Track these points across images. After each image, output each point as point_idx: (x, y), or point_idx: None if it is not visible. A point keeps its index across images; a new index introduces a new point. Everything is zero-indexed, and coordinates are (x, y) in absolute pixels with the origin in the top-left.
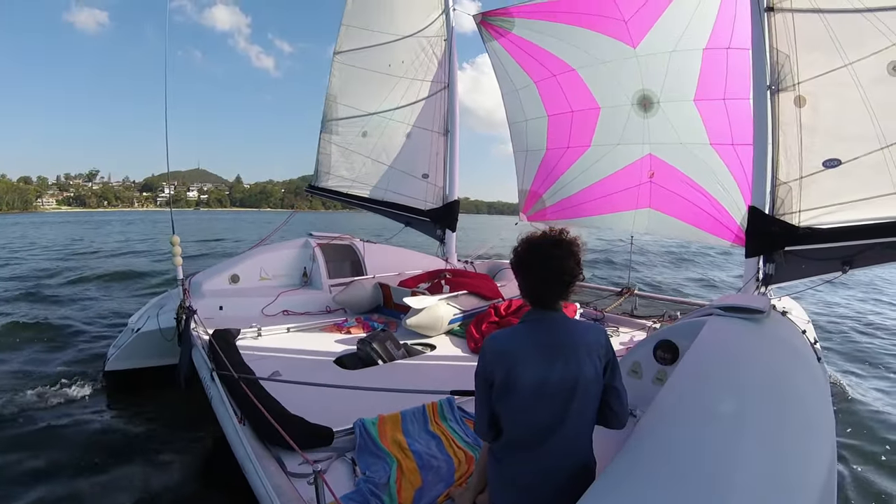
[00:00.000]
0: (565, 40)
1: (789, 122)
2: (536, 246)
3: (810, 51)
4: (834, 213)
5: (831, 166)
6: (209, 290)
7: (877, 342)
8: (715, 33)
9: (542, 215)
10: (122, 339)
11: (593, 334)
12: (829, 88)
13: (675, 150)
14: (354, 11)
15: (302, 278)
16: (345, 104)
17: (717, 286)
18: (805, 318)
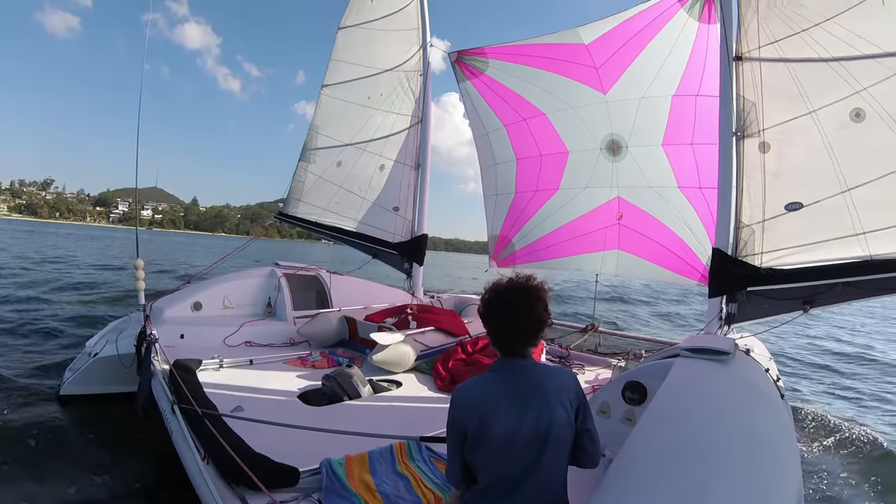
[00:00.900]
0: (537, 84)
1: (754, 168)
2: (505, 294)
3: (776, 98)
4: (795, 255)
5: (793, 209)
6: (171, 318)
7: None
8: (684, 80)
9: (512, 260)
10: (78, 363)
11: (563, 379)
12: (793, 135)
13: (644, 192)
14: (342, 47)
15: (266, 308)
16: (325, 134)
17: (675, 320)
18: (767, 356)
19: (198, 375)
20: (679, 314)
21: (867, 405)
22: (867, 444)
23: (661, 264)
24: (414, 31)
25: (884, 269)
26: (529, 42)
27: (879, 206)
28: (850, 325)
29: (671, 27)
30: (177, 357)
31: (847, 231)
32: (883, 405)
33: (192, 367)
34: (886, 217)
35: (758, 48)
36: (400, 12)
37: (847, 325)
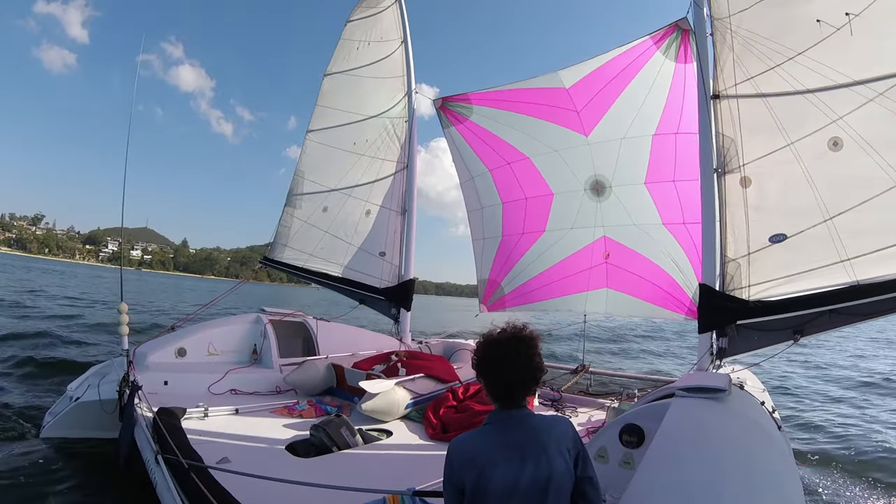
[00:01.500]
0: (520, 129)
1: (736, 202)
2: (502, 346)
3: (754, 133)
4: (783, 286)
5: (777, 241)
6: (154, 363)
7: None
8: (664, 120)
9: (502, 303)
10: (59, 407)
11: (561, 427)
12: (773, 168)
13: (629, 231)
14: (329, 92)
15: (252, 355)
16: (310, 180)
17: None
18: (760, 388)
19: (182, 424)
20: (671, 350)
21: (863, 426)
22: (864, 466)
23: (650, 300)
24: (399, 79)
25: (871, 294)
26: (512, 87)
27: (863, 231)
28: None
29: (649, 68)
30: (160, 404)
31: (832, 258)
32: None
33: (177, 416)
34: (870, 242)
35: (734, 85)
36: (385, 59)
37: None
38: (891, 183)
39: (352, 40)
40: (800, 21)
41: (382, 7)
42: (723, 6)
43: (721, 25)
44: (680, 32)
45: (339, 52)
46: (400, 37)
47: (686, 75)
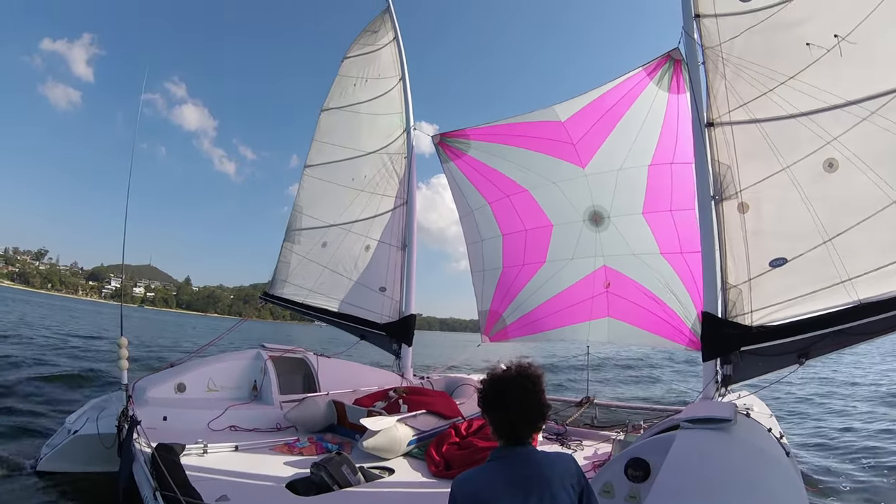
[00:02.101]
0: (517, 162)
1: (734, 228)
2: (507, 384)
3: (750, 159)
4: (785, 309)
5: (778, 265)
6: (153, 398)
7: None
8: (659, 150)
9: (504, 334)
10: (57, 439)
11: (564, 464)
12: (770, 192)
13: (628, 260)
14: (326, 128)
15: (251, 392)
16: (309, 215)
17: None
18: (767, 413)
19: (181, 460)
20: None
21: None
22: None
23: (650, 330)
24: (398, 115)
25: (874, 312)
26: (509, 122)
27: (862, 250)
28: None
29: (642, 100)
30: (159, 440)
31: (834, 279)
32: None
33: (176, 452)
34: (871, 260)
35: (728, 112)
36: (384, 96)
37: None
38: (888, 200)
39: (349, 77)
40: (790, 45)
41: (380, 45)
42: (713, 35)
43: (712, 53)
44: (672, 63)
45: (336, 87)
46: (398, 74)
47: (679, 105)
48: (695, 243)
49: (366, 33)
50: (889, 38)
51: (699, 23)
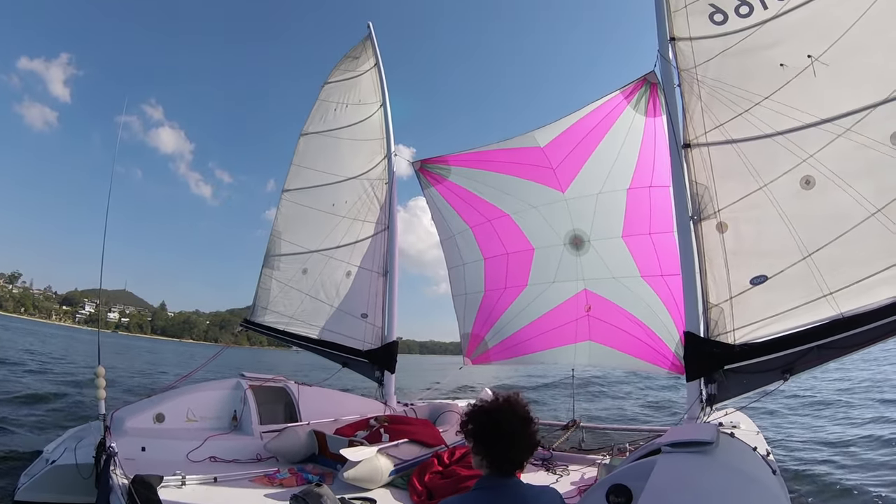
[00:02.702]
0: (498, 188)
1: (714, 248)
2: (502, 415)
3: (727, 179)
4: (768, 326)
5: (759, 283)
6: (132, 429)
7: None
8: (637, 174)
9: (486, 357)
10: (35, 469)
11: (548, 498)
12: (748, 211)
13: (609, 284)
14: (305, 152)
15: (231, 422)
16: (288, 240)
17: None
18: (754, 430)
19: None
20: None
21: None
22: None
23: (633, 353)
24: (378, 141)
25: (857, 325)
26: (489, 148)
27: (842, 264)
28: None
29: (620, 124)
30: (137, 471)
31: (815, 294)
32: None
33: (153, 484)
34: (850, 274)
35: (704, 133)
36: (364, 122)
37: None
38: (865, 214)
39: (329, 101)
40: (764, 67)
41: (361, 71)
42: (688, 57)
43: (688, 76)
44: (648, 86)
45: (315, 112)
46: (379, 100)
47: (657, 128)
48: (675, 266)
49: (347, 59)
50: (861, 58)
51: (675, 46)
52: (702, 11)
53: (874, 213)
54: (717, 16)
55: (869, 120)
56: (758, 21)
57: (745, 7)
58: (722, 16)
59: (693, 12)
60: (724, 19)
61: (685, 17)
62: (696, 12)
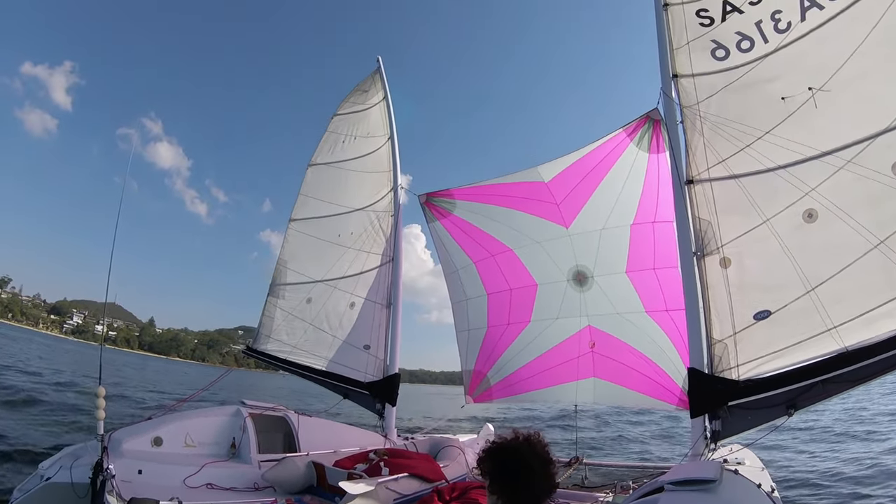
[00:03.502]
0: (502, 222)
1: (717, 283)
2: (518, 454)
3: (730, 214)
4: (772, 361)
5: (762, 317)
6: (129, 451)
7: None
8: (640, 209)
9: (489, 395)
10: (29, 485)
11: None
12: (751, 246)
13: (613, 319)
14: (313, 183)
15: (230, 449)
16: (293, 269)
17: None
18: (759, 466)
19: None
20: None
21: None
22: None
23: (639, 390)
24: (385, 174)
25: (861, 358)
26: (493, 182)
27: (845, 298)
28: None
29: (623, 161)
30: (133, 494)
31: (819, 328)
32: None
33: None
34: (854, 307)
35: (707, 169)
36: (372, 154)
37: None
38: (868, 246)
39: (338, 133)
40: (765, 101)
41: (369, 104)
42: (691, 94)
43: (690, 113)
44: (651, 123)
45: (324, 143)
46: (386, 133)
47: (660, 165)
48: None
49: (356, 92)
50: (860, 88)
51: (677, 83)
52: (704, 48)
53: (877, 244)
54: (718, 51)
55: (869, 151)
56: (759, 55)
57: (747, 42)
58: (724, 51)
59: (695, 49)
60: (725, 55)
61: (687, 53)
62: (699, 49)
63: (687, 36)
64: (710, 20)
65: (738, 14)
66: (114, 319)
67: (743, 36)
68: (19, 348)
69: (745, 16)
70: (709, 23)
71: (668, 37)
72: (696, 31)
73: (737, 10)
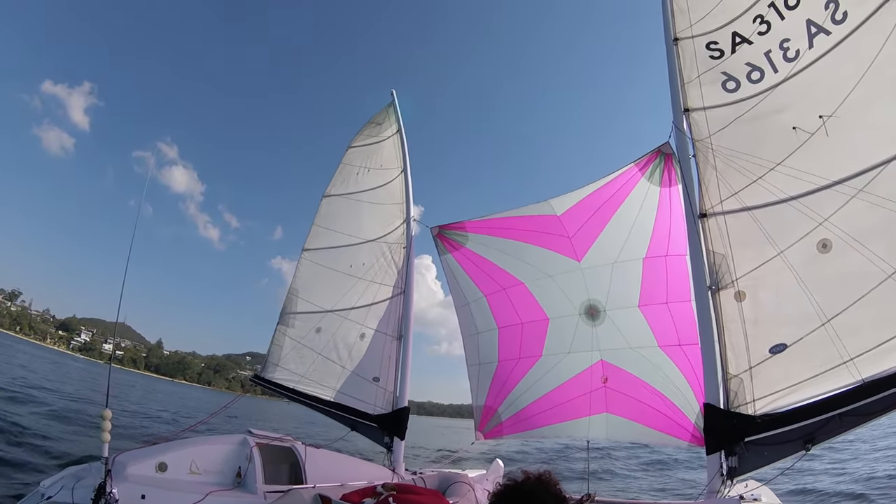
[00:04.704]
0: (514, 255)
1: (732, 318)
2: (530, 496)
3: (744, 247)
4: (788, 396)
5: (778, 351)
6: (133, 475)
7: None
8: (653, 243)
9: (499, 431)
10: (28, 502)
11: None
12: (765, 279)
13: (626, 354)
14: (327, 214)
15: (235, 478)
16: (304, 299)
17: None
18: (776, 503)
19: None
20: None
21: None
22: None
23: (652, 426)
24: (398, 205)
25: (878, 391)
26: (506, 215)
27: (861, 329)
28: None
29: (635, 195)
30: None
31: (835, 361)
32: None
33: None
34: (870, 338)
35: (720, 202)
36: (385, 186)
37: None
38: (883, 275)
39: (352, 165)
40: (776, 131)
41: (384, 137)
42: (702, 127)
43: (702, 146)
44: (663, 157)
45: (339, 175)
46: (400, 166)
47: (671, 198)
48: (693, 335)
49: (371, 125)
50: (870, 114)
51: (688, 117)
52: (714, 80)
53: (891, 273)
54: (729, 83)
55: (881, 178)
56: (769, 85)
57: (757, 72)
58: (734, 83)
59: (706, 82)
60: (736, 86)
61: (698, 87)
62: (709, 81)
63: (697, 69)
64: (720, 52)
65: (747, 45)
66: (122, 339)
67: (753, 67)
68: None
69: (754, 46)
70: (719, 55)
71: (679, 71)
72: (707, 63)
73: (746, 41)
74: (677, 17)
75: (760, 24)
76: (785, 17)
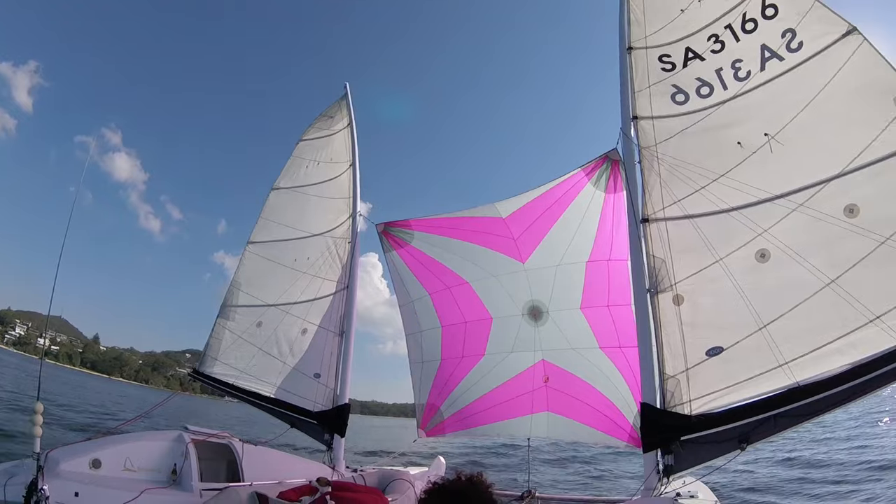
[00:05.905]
0: (459, 254)
1: (670, 320)
2: (462, 497)
3: (684, 253)
4: (724, 396)
5: (715, 354)
6: (66, 472)
7: None
8: (596, 247)
9: (441, 429)
10: None
11: None
12: (704, 284)
13: (567, 355)
14: (274, 206)
15: (170, 476)
16: (246, 292)
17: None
18: (712, 500)
19: None
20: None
21: None
22: None
23: (591, 425)
24: (345, 200)
25: (812, 393)
26: (452, 215)
27: (796, 335)
28: None
29: (581, 199)
30: None
31: (771, 364)
32: None
33: None
34: (805, 343)
35: (662, 209)
36: (333, 180)
37: None
38: (819, 285)
39: (302, 158)
40: (722, 145)
41: (334, 130)
42: (650, 136)
43: (648, 153)
44: (610, 163)
45: (288, 168)
46: (349, 160)
47: (616, 204)
48: (633, 338)
49: (322, 118)
50: (815, 135)
51: (636, 124)
52: (664, 92)
53: (828, 283)
54: (678, 96)
55: (822, 194)
56: (718, 101)
57: (706, 88)
58: (684, 96)
59: (656, 93)
60: (685, 99)
61: (648, 97)
62: (659, 93)
63: (649, 79)
64: (671, 65)
65: (699, 61)
66: (57, 333)
67: (703, 82)
68: None
69: (706, 63)
70: (670, 68)
71: (631, 79)
72: (658, 75)
73: (699, 56)
74: (633, 28)
75: (715, 42)
76: (740, 39)
